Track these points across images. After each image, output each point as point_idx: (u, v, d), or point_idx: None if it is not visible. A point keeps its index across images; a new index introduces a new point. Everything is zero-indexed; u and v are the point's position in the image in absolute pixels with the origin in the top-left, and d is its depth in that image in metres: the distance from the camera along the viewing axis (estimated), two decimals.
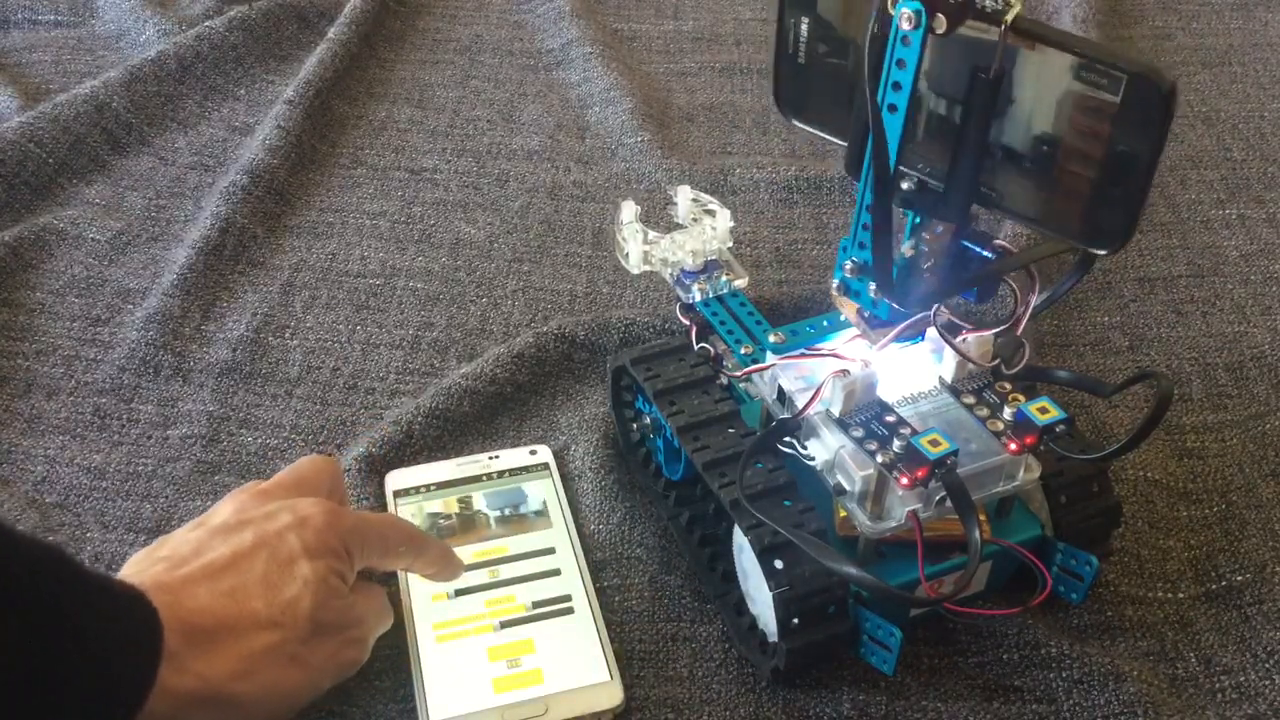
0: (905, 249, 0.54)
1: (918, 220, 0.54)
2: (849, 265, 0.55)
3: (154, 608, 0.44)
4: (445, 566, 0.58)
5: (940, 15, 0.46)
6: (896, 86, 0.48)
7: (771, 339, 0.60)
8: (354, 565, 0.52)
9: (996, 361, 0.57)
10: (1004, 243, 0.54)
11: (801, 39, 0.54)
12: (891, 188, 0.50)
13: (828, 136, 0.57)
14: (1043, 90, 0.47)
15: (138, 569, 0.49)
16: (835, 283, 0.57)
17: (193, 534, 0.50)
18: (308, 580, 0.48)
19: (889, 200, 0.50)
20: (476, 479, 0.67)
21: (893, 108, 0.48)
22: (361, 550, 0.52)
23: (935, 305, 0.55)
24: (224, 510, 0.52)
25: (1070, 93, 0.46)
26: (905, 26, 0.46)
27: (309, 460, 0.57)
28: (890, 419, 0.54)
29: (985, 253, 0.54)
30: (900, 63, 0.47)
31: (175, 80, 1.00)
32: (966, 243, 0.54)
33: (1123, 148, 0.46)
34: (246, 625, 0.47)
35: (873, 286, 0.55)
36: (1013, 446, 0.53)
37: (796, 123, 0.57)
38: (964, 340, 0.56)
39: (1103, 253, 0.50)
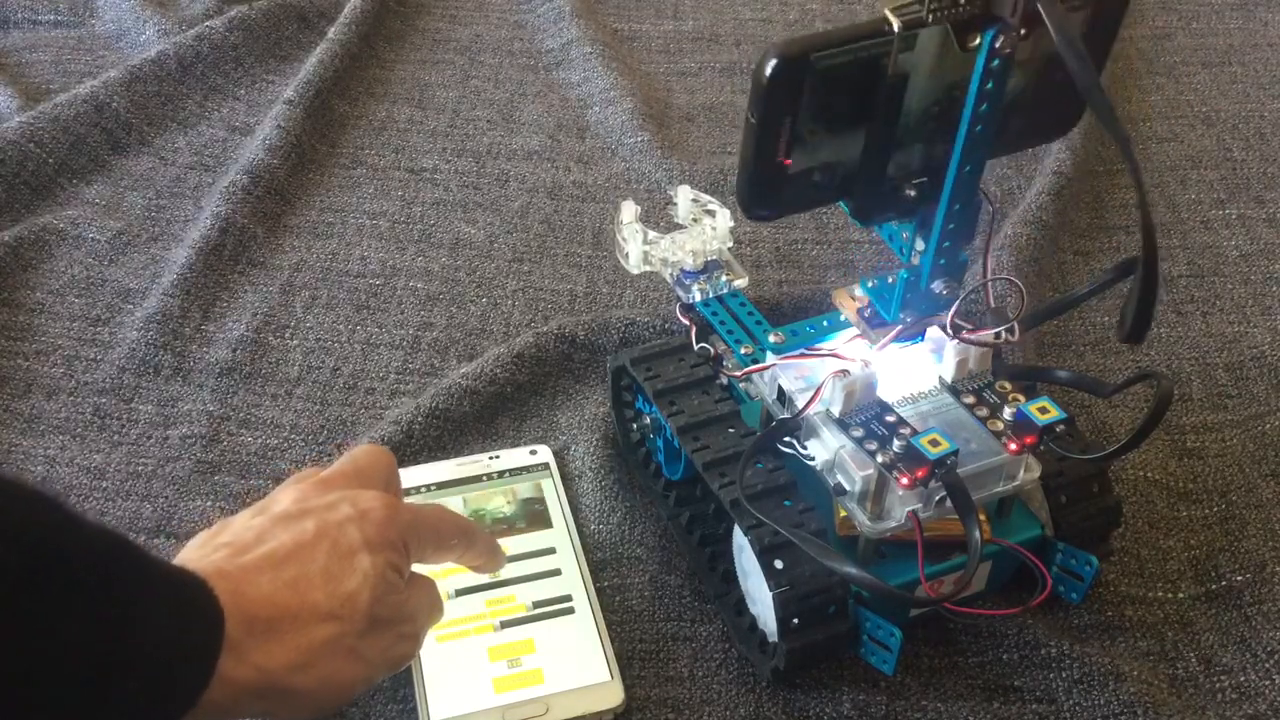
0: (912, 257, 0.54)
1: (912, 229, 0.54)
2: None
3: (216, 597, 0.43)
4: (492, 558, 0.58)
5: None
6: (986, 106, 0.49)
7: (771, 339, 0.60)
8: (410, 559, 0.51)
9: (1001, 339, 0.56)
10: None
11: (784, 139, 0.48)
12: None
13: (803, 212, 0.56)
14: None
15: (199, 554, 0.48)
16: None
17: (255, 520, 0.50)
18: (367, 574, 0.48)
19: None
20: (476, 479, 0.67)
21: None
22: (418, 544, 0.52)
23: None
24: (285, 498, 0.51)
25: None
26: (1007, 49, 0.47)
27: (365, 450, 0.56)
28: (890, 419, 0.54)
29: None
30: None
31: (175, 80, 1.00)
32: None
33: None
34: (307, 616, 0.46)
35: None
36: (1013, 446, 0.53)
37: (767, 222, 0.56)
38: (967, 337, 0.56)
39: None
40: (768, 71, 0.46)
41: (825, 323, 0.61)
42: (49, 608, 0.36)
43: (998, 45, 0.46)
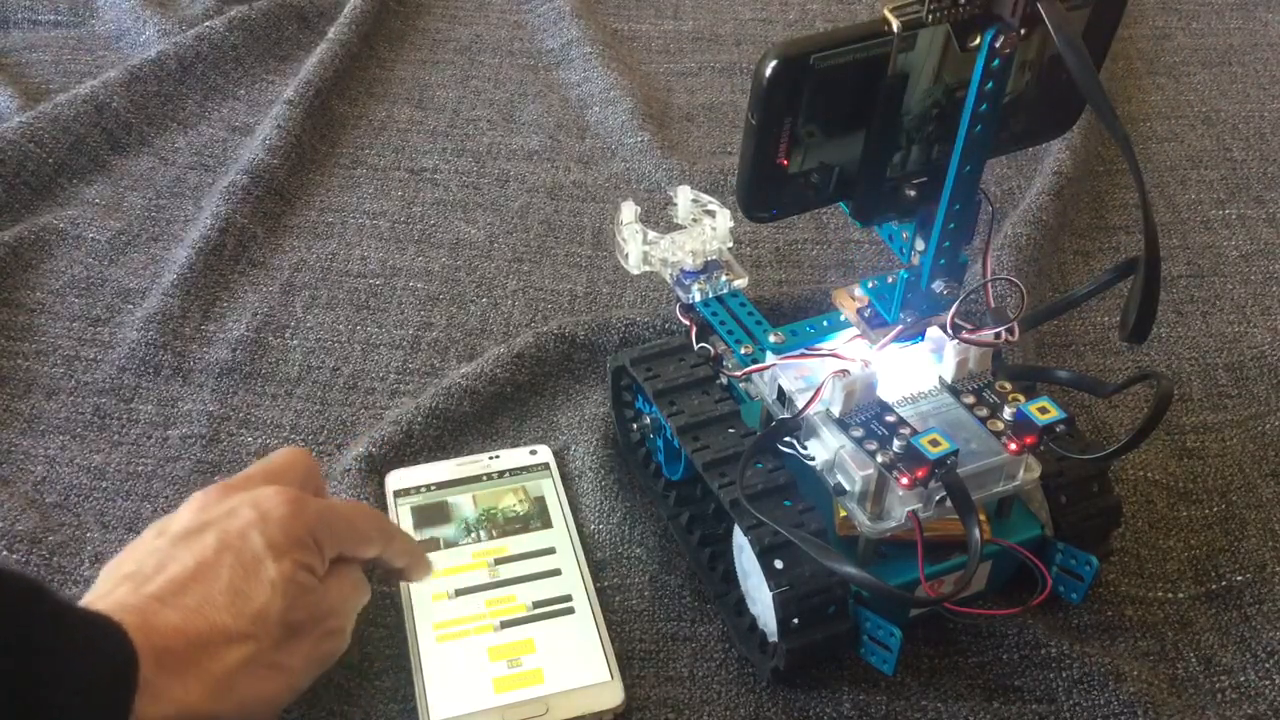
0: (912, 257, 0.54)
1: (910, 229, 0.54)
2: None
3: (128, 638, 0.42)
4: (415, 563, 0.57)
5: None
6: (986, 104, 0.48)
7: (771, 339, 0.60)
8: (324, 555, 0.50)
9: (1001, 339, 0.56)
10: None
11: (784, 140, 0.48)
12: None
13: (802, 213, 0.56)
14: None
15: (105, 590, 0.47)
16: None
17: (157, 543, 0.48)
18: (274, 582, 0.46)
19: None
20: (476, 479, 0.67)
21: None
22: (330, 538, 0.50)
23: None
24: (185, 513, 0.50)
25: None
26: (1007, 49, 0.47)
27: (281, 452, 0.55)
28: (890, 419, 0.54)
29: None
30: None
31: (175, 80, 1.00)
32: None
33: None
34: (218, 641, 0.45)
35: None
36: (1013, 446, 0.53)
37: (767, 223, 0.56)
38: (967, 337, 0.56)
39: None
40: (768, 73, 0.46)
41: (825, 323, 0.61)
42: None
43: (998, 45, 0.46)
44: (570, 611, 0.61)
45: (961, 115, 0.49)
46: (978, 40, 0.47)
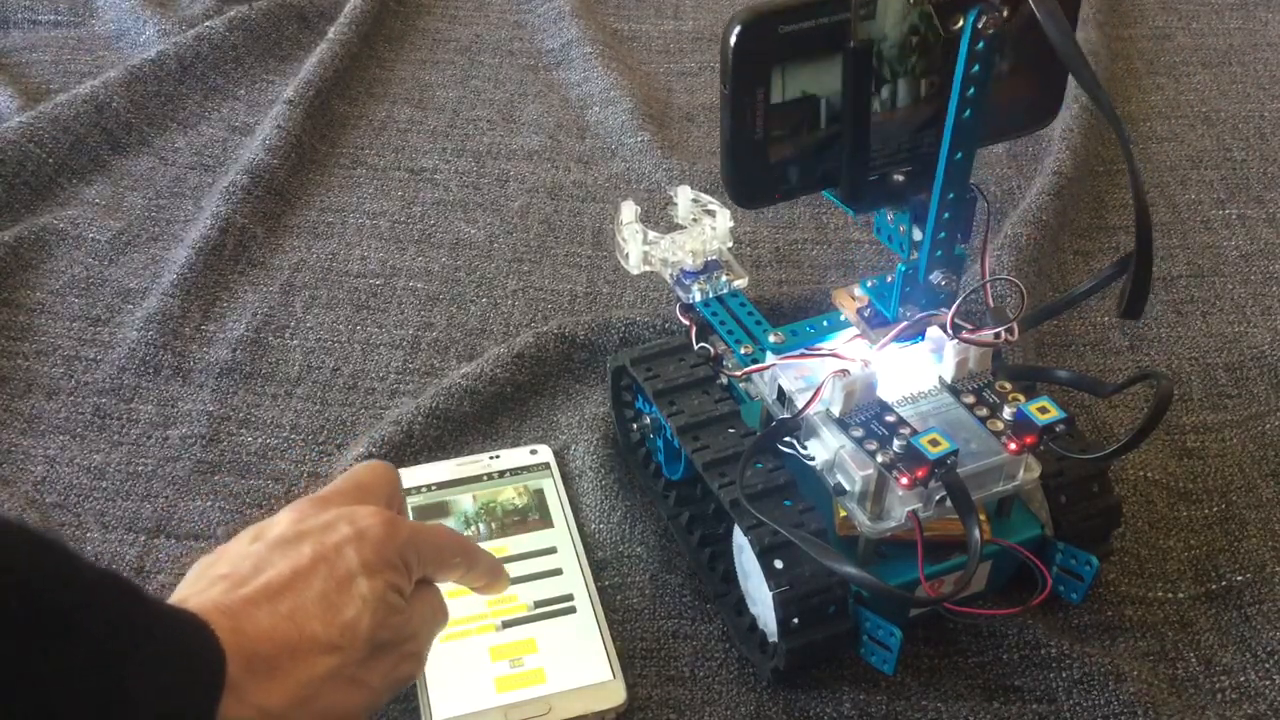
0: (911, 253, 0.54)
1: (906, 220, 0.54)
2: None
3: (217, 638, 0.42)
4: (495, 579, 0.57)
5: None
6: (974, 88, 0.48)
7: (771, 339, 0.60)
8: (411, 578, 0.50)
9: (1001, 339, 0.56)
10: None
11: (759, 112, 0.48)
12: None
13: (792, 199, 0.55)
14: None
15: (196, 589, 0.47)
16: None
17: (252, 547, 0.49)
18: (366, 599, 0.47)
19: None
20: (476, 479, 0.67)
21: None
22: (419, 562, 0.51)
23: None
24: (282, 521, 0.50)
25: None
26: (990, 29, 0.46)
27: (367, 466, 0.55)
28: (890, 419, 0.54)
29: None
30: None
31: (175, 80, 1.00)
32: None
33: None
34: (306, 649, 0.45)
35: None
36: (1013, 446, 0.53)
37: (757, 209, 0.56)
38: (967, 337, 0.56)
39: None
40: (733, 40, 0.45)
41: (825, 323, 0.61)
42: (50, 658, 0.35)
43: (980, 26, 0.46)
44: (571, 611, 0.61)
45: (937, 95, 0.49)
46: (960, 22, 0.46)
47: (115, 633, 0.38)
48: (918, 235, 0.54)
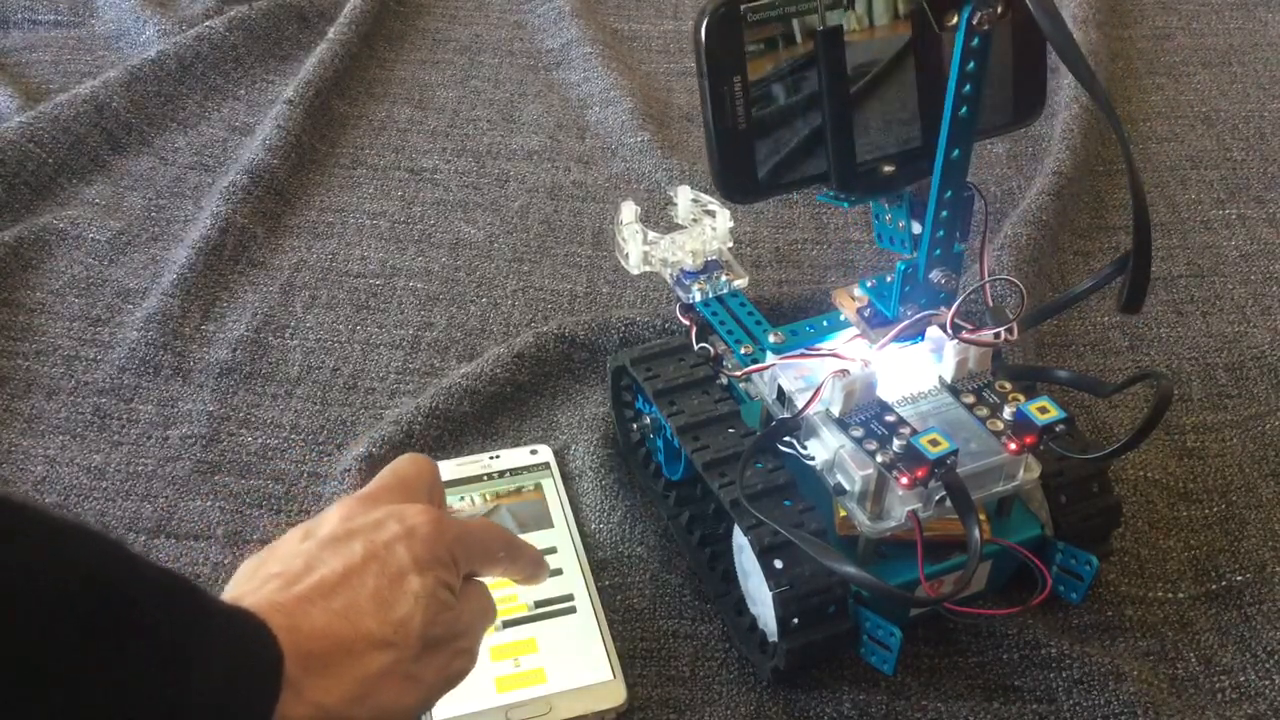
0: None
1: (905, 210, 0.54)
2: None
3: (274, 637, 0.42)
4: (538, 570, 0.57)
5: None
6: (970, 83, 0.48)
7: (771, 339, 0.60)
8: (459, 574, 0.51)
9: (1000, 339, 0.56)
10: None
11: (738, 101, 0.48)
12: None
13: (785, 194, 0.55)
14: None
15: (250, 587, 0.47)
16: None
17: (303, 545, 0.49)
18: (418, 595, 0.47)
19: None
20: (477, 479, 0.67)
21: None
22: (466, 558, 0.51)
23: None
24: (331, 519, 0.50)
25: None
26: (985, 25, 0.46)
27: (408, 460, 0.55)
28: (890, 419, 0.54)
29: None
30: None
31: (175, 80, 1.00)
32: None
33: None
34: (361, 647, 0.45)
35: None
36: (1012, 446, 0.53)
37: (749, 204, 0.55)
38: (967, 337, 0.56)
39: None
40: (702, 30, 0.46)
41: (825, 323, 0.61)
42: (115, 650, 0.35)
43: (974, 22, 0.46)
44: (572, 611, 0.61)
45: (912, 84, 0.49)
46: (955, 19, 0.46)
47: (179, 631, 0.38)
48: (917, 229, 0.54)
